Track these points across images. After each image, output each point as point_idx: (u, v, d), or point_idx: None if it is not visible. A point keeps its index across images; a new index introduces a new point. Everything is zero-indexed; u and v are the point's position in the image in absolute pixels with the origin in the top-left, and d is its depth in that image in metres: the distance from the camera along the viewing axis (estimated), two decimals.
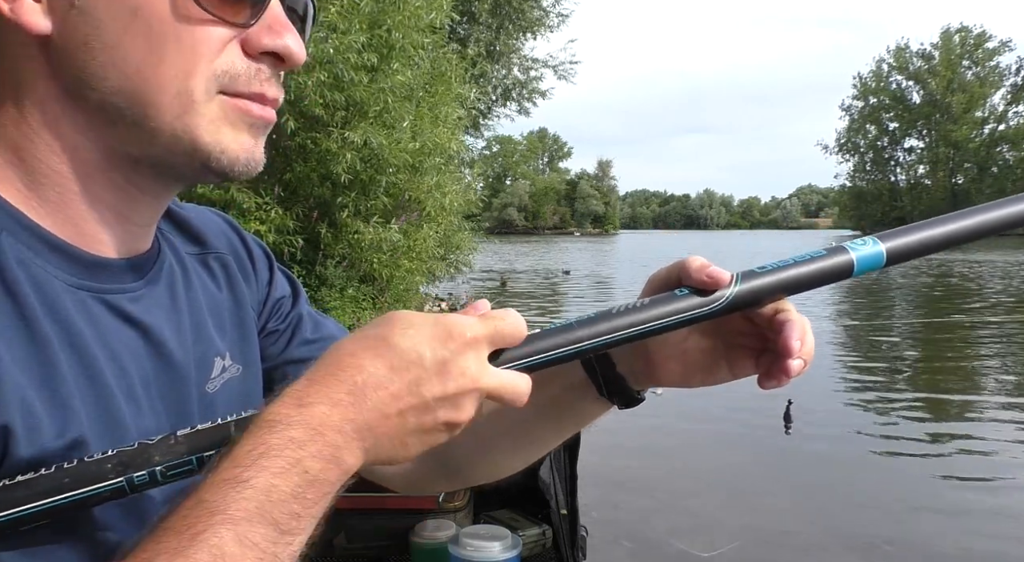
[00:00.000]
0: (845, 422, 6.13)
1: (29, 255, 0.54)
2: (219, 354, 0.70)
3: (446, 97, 9.85)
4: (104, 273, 0.59)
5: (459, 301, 13.21)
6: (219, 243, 0.76)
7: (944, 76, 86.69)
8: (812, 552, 3.86)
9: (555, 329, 0.58)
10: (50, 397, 0.52)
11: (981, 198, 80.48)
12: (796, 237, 79.83)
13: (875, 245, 0.62)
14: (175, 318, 0.66)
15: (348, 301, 8.78)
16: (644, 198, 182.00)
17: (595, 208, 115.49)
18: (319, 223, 8.36)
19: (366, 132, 7.61)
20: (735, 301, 0.60)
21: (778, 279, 0.61)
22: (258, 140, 0.60)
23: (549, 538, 1.94)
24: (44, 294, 0.54)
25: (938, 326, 11.53)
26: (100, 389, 0.56)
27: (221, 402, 0.70)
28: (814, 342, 0.62)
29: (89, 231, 0.58)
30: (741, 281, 0.60)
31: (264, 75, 0.58)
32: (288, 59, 0.58)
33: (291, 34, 0.58)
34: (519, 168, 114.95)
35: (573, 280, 20.87)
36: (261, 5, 0.57)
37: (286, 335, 0.80)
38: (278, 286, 0.82)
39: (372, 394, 0.50)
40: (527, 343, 0.57)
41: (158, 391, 0.62)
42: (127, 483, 0.50)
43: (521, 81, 21.13)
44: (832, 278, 0.62)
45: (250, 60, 0.57)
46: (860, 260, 0.61)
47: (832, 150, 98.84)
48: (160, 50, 0.54)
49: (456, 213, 10.88)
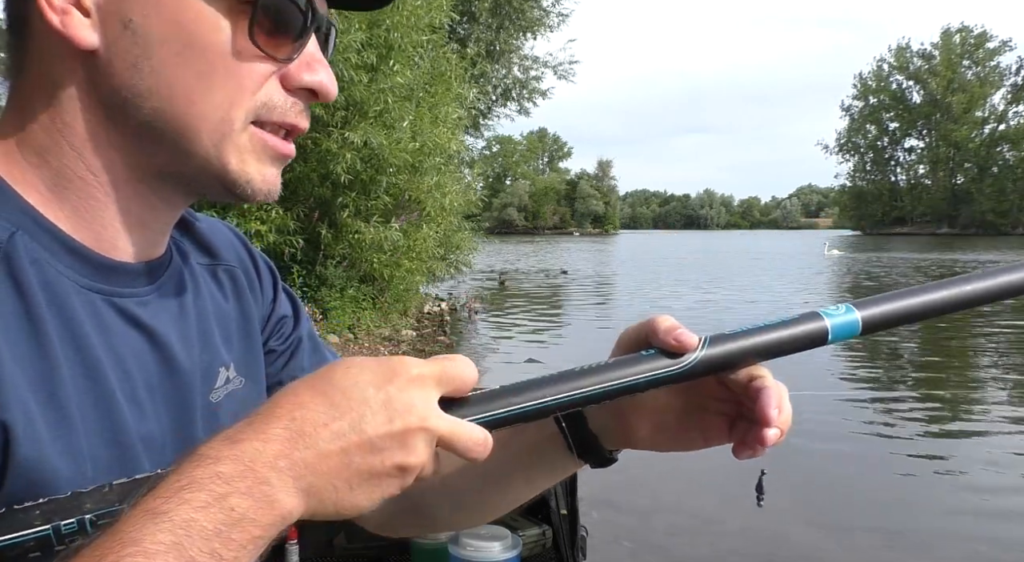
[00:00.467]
0: (845, 421, 6.13)
1: (45, 255, 0.55)
2: (224, 365, 0.70)
3: (446, 97, 9.85)
4: (116, 276, 0.60)
5: (459, 301, 13.23)
6: (229, 256, 0.77)
7: (944, 76, 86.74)
8: (812, 552, 3.87)
9: (518, 385, 0.56)
10: (47, 398, 0.52)
11: (981, 198, 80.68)
12: (796, 237, 79.85)
13: (849, 312, 0.60)
14: (182, 325, 0.66)
15: (348, 301, 8.78)
16: (644, 198, 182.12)
17: (595, 208, 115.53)
18: (319, 223, 8.36)
19: (366, 132, 7.61)
20: (701, 365, 0.58)
21: (748, 344, 0.59)
22: (279, 172, 0.63)
23: (549, 538, 1.94)
24: (54, 294, 0.54)
25: (939, 326, 11.54)
26: (101, 391, 0.55)
27: (225, 414, 0.69)
28: (791, 410, 0.60)
29: (107, 236, 0.59)
30: (709, 345, 0.59)
31: (298, 108, 0.61)
32: (322, 95, 0.61)
33: (326, 70, 0.61)
34: (519, 168, 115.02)
35: (573, 280, 20.87)
36: (301, 41, 0.59)
37: (284, 356, 0.81)
38: (281, 305, 0.82)
39: (311, 431, 0.47)
40: (486, 399, 0.54)
41: (162, 396, 0.62)
42: (53, 531, 0.47)
43: (521, 81, 21.15)
44: (806, 345, 0.60)
45: (287, 94, 0.59)
46: (835, 328, 0.60)
47: (832, 150, 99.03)
48: (209, 80, 0.56)
49: (456, 213, 10.88)
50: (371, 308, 9.32)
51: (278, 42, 0.57)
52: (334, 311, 8.47)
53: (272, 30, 0.57)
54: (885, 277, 21.61)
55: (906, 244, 52.39)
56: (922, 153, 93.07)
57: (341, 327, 8.50)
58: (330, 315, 8.40)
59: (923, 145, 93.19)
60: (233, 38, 0.56)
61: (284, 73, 0.59)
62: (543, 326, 11.66)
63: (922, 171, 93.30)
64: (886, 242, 59.73)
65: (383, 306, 9.64)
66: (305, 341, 0.83)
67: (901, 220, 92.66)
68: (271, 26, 0.57)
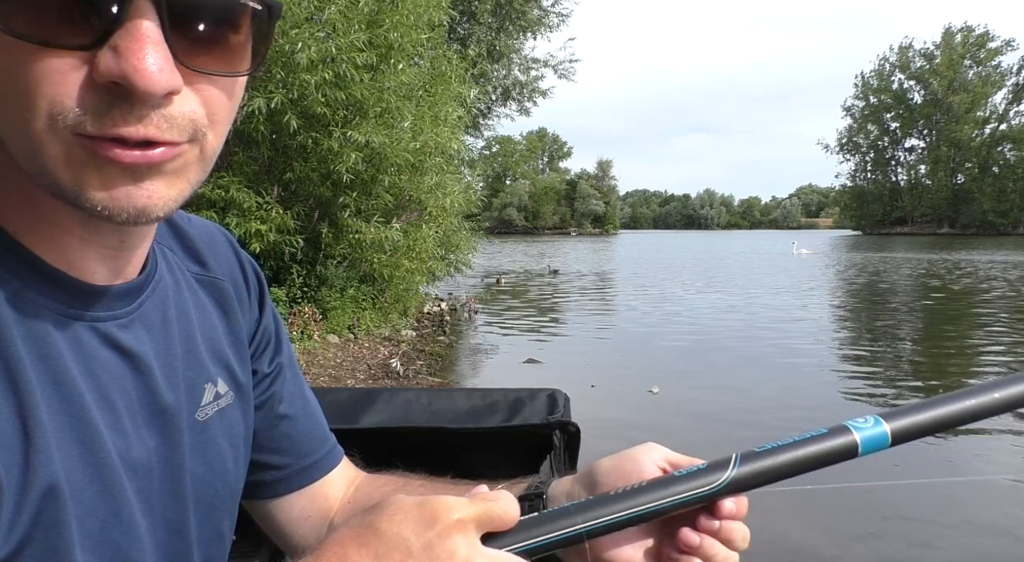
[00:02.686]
0: (845, 417, 6.12)
1: (19, 286, 0.53)
2: (210, 380, 0.69)
3: (446, 96, 9.85)
4: (96, 301, 0.58)
5: (459, 301, 13.23)
6: (220, 268, 0.75)
7: (946, 76, 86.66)
8: (812, 551, 3.86)
9: (552, 513, 0.57)
10: (25, 443, 0.50)
11: (982, 197, 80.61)
12: (796, 236, 79.84)
13: (877, 425, 0.61)
14: (165, 343, 0.64)
15: (348, 301, 8.78)
16: (644, 198, 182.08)
17: (595, 208, 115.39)
18: (320, 223, 8.36)
19: (368, 131, 7.60)
20: (734, 484, 0.59)
21: (779, 461, 0.60)
22: (142, 183, 0.49)
23: None
24: (32, 329, 0.53)
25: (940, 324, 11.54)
26: (83, 427, 0.54)
27: (215, 432, 0.69)
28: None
29: (77, 260, 0.56)
30: (741, 463, 0.59)
31: (121, 111, 0.46)
32: (131, 86, 0.45)
33: (141, 55, 0.45)
34: (519, 168, 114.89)
35: (574, 278, 20.85)
36: (112, 20, 0.45)
37: (268, 379, 0.80)
38: (267, 323, 0.81)
39: None
40: (526, 527, 0.55)
41: (145, 421, 0.61)
42: None
43: (521, 81, 21.14)
44: (836, 460, 0.60)
45: (100, 92, 0.46)
46: (864, 442, 0.60)
47: (833, 150, 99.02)
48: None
49: (456, 213, 10.88)
50: (371, 308, 9.31)
51: (66, 27, 0.45)
52: (334, 311, 8.47)
53: (36, 6, 0.44)
54: (884, 274, 21.60)
55: (904, 244, 52.33)
56: (923, 153, 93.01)
57: (341, 327, 8.50)
58: (330, 315, 8.39)
59: (924, 145, 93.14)
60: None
61: (95, 62, 0.45)
62: (543, 326, 11.65)
63: (923, 171, 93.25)
64: (886, 242, 59.67)
65: (383, 306, 9.64)
66: (286, 367, 0.82)
67: (902, 220, 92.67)
68: (29, 1, 0.44)
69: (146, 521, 0.60)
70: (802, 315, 12.77)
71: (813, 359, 8.74)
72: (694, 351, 9.28)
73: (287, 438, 0.81)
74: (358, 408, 1.34)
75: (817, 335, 10.65)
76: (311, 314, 7.94)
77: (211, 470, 0.68)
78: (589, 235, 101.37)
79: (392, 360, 7.82)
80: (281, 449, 0.81)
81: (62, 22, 0.45)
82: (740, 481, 0.59)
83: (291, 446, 0.82)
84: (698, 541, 0.61)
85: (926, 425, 0.61)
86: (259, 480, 0.80)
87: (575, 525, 0.56)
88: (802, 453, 0.60)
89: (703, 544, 0.61)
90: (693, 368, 8.34)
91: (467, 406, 1.35)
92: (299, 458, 0.82)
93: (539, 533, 0.55)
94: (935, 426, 0.62)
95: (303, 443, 0.83)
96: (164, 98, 0.48)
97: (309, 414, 0.85)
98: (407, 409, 1.34)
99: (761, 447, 0.61)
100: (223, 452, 0.70)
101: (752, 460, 0.60)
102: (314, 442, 0.84)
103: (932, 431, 0.62)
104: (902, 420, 0.61)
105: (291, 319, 7.71)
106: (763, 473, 0.59)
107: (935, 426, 0.62)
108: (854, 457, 0.60)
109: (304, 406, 0.84)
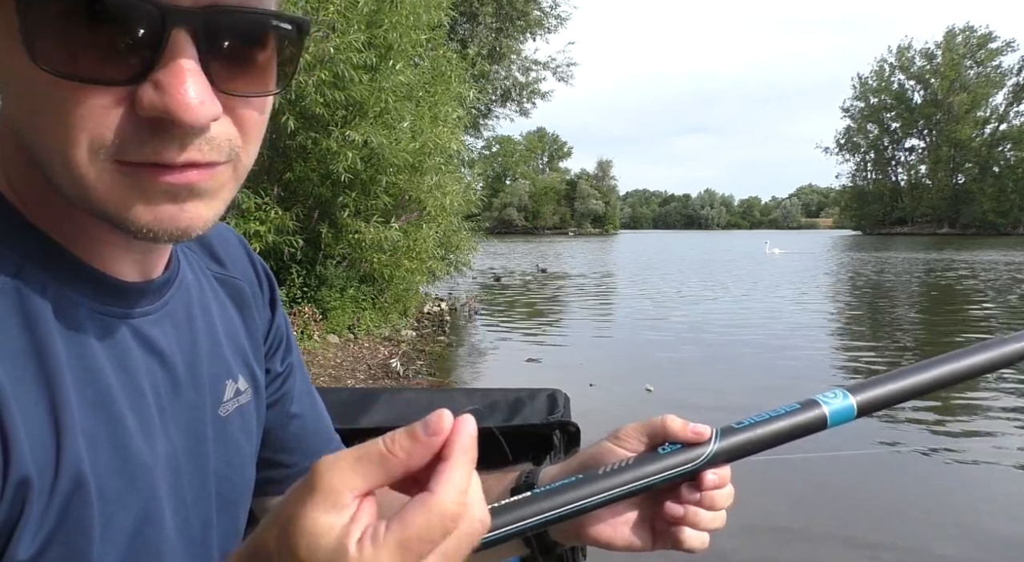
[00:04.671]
0: None
1: (57, 284, 0.53)
2: (231, 377, 0.70)
3: (446, 97, 9.85)
4: (128, 296, 0.59)
5: (459, 301, 13.22)
6: (236, 268, 0.77)
7: (947, 76, 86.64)
8: (812, 550, 3.86)
9: (548, 490, 0.59)
10: (56, 442, 0.50)
11: (982, 197, 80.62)
12: (796, 236, 79.77)
13: (845, 398, 0.65)
14: (191, 340, 0.66)
15: (348, 301, 8.77)
16: (644, 198, 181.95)
17: (595, 208, 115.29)
18: (319, 223, 8.36)
19: (367, 131, 7.60)
20: (716, 457, 0.63)
21: (756, 435, 0.63)
22: (184, 204, 0.51)
23: None
24: (68, 323, 0.53)
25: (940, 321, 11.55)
26: (113, 422, 0.55)
27: (235, 428, 0.70)
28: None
29: (107, 256, 0.57)
30: (721, 437, 0.63)
31: (162, 140, 0.48)
32: (174, 119, 0.46)
33: (183, 89, 0.46)
34: (519, 168, 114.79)
35: (573, 279, 20.85)
36: (151, 57, 0.46)
37: (280, 378, 0.81)
38: (279, 323, 0.83)
39: None
40: (521, 505, 0.57)
41: (172, 416, 0.62)
42: None
43: (521, 83, 21.15)
44: (807, 432, 0.64)
45: (142, 124, 0.47)
46: (832, 414, 0.64)
47: (833, 150, 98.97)
48: (35, 119, 0.48)
49: (456, 213, 10.88)
50: (371, 308, 9.31)
51: (109, 64, 0.46)
52: (334, 311, 8.47)
53: (74, 44, 0.45)
54: (885, 272, 21.60)
55: (902, 244, 52.34)
56: (923, 153, 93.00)
57: (341, 327, 8.50)
58: (330, 315, 8.39)
59: (924, 145, 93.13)
60: (43, 76, 0.45)
61: (137, 97, 0.46)
62: (542, 326, 11.64)
63: (923, 171, 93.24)
64: (886, 242, 59.68)
65: (383, 306, 9.64)
66: (296, 367, 0.84)
67: (902, 220, 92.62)
68: (65, 37, 0.45)
69: (177, 518, 0.61)
70: (792, 312, 12.78)
71: (804, 353, 8.75)
72: (689, 349, 9.29)
73: (297, 437, 0.83)
74: (358, 408, 1.34)
75: (807, 331, 10.66)
76: (311, 314, 7.94)
77: (230, 465, 0.69)
78: (587, 235, 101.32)
79: (392, 360, 7.82)
80: (291, 447, 0.83)
81: (102, 59, 0.45)
82: (721, 454, 0.63)
83: (300, 445, 0.83)
84: (683, 512, 0.65)
85: (889, 397, 0.66)
86: (268, 477, 0.81)
87: (577, 501, 0.58)
88: (777, 427, 0.64)
89: (687, 514, 0.65)
90: (688, 366, 8.35)
91: (467, 406, 1.36)
92: (308, 456, 0.83)
93: (528, 513, 0.57)
94: (897, 397, 0.66)
95: (312, 442, 0.84)
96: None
97: (317, 414, 0.87)
98: (407, 409, 1.35)
99: (740, 422, 0.64)
100: (241, 448, 0.71)
101: (731, 434, 0.63)
102: (321, 441, 0.86)
103: (894, 402, 0.66)
104: (866, 393, 0.65)
105: (291, 319, 7.71)
106: (742, 446, 0.63)
107: (897, 397, 0.66)
108: (824, 429, 0.65)
109: (313, 406, 0.86)
